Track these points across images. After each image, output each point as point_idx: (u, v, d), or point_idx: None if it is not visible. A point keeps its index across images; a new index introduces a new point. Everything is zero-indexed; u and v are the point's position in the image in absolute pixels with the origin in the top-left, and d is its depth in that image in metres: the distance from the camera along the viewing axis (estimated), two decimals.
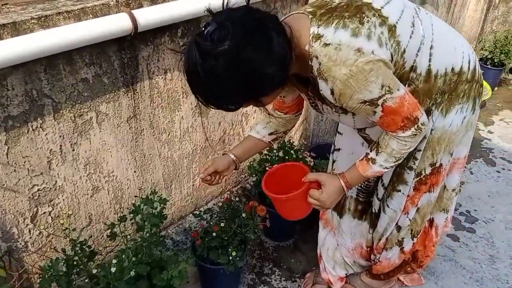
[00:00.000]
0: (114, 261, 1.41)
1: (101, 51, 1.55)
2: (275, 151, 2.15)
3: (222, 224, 1.80)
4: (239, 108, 1.16)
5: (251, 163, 2.26)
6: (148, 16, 1.54)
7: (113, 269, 1.37)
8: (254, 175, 2.19)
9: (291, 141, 2.34)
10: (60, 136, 1.57)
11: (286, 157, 2.12)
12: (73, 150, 1.64)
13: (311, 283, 2.03)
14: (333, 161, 1.73)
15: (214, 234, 1.78)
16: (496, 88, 4.20)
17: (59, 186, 1.65)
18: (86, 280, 1.43)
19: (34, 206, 1.61)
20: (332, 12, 1.14)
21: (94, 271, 1.39)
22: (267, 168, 2.12)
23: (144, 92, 1.77)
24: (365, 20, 1.13)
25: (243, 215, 1.83)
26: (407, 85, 1.28)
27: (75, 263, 1.49)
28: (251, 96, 1.13)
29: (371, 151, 1.30)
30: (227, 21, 1.02)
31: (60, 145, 1.59)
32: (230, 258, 1.74)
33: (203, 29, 1.04)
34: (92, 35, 1.43)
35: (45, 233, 1.68)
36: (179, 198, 2.19)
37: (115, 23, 1.47)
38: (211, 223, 1.84)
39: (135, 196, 1.90)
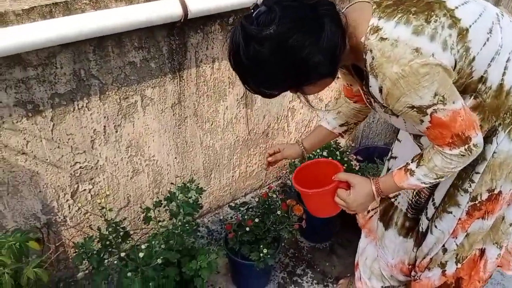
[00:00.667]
0: (143, 246, 1.42)
1: (150, 36, 1.55)
2: (319, 150, 2.07)
3: (256, 220, 1.76)
4: (279, 94, 1.12)
5: (293, 160, 2.19)
6: (199, 4, 1.51)
7: (141, 254, 1.37)
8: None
9: (337, 141, 2.25)
10: (104, 117, 1.59)
11: (330, 158, 2.04)
12: (116, 131, 1.66)
13: None
14: (388, 169, 1.64)
15: (247, 228, 1.74)
16: None
17: (100, 165, 1.68)
18: (116, 262, 1.44)
19: (75, 183, 1.65)
20: (399, 5, 1.06)
21: (123, 254, 1.40)
22: None
23: (190, 80, 1.75)
24: (432, 19, 1.03)
25: (278, 212, 1.78)
26: (472, 97, 1.16)
27: (107, 243, 1.52)
28: (294, 83, 1.08)
29: (412, 162, 1.21)
30: (276, 4, 0.98)
31: (104, 126, 1.61)
32: (261, 254, 1.70)
33: (252, 11, 1.01)
34: (142, 19, 1.43)
35: (84, 210, 1.72)
36: (217, 187, 2.18)
37: (166, 9, 1.46)
38: (246, 217, 1.81)
39: (171, 183, 1.91)
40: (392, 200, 1.57)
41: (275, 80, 1.05)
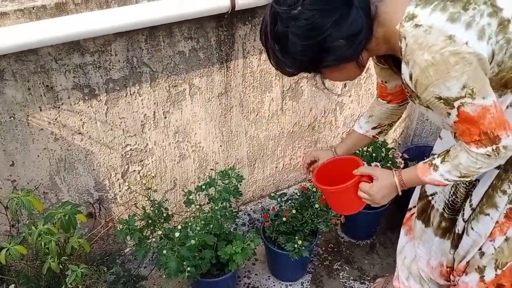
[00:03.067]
0: (179, 227, 1.49)
1: (199, 27, 1.61)
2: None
3: (293, 211, 1.79)
4: (298, 74, 1.13)
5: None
6: None
7: (177, 234, 1.45)
8: None
9: (384, 138, 2.20)
10: (154, 103, 1.69)
11: (374, 155, 2.01)
12: (165, 117, 1.74)
13: None
14: None
15: (284, 219, 1.77)
16: None
17: (149, 148, 1.78)
18: (154, 239, 1.53)
19: (126, 164, 1.76)
20: None
21: (159, 232, 1.48)
22: None
23: (237, 70, 1.80)
24: (470, 7, 1.00)
25: (316, 206, 1.79)
26: None
27: (150, 221, 1.61)
28: (314, 64, 1.08)
29: (438, 157, 1.18)
30: None
31: (154, 112, 1.70)
32: (296, 246, 1.72)
33: None
34: (192, 10, 1.49)
35: (133, 189, 1.83)
36: (261, 177, 2.22)
37: (214, 1, 1.51)
38: (283, 208, 1.84)
39: (211, 169, 1.98)
40: (429, 198, 1.53)
41: (295, 59, 1.06)
